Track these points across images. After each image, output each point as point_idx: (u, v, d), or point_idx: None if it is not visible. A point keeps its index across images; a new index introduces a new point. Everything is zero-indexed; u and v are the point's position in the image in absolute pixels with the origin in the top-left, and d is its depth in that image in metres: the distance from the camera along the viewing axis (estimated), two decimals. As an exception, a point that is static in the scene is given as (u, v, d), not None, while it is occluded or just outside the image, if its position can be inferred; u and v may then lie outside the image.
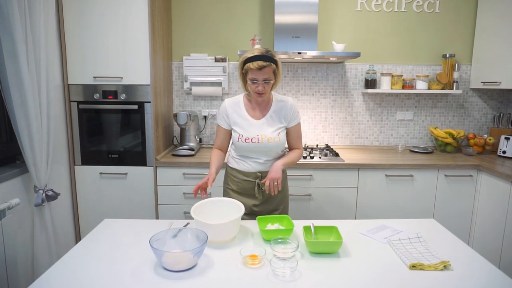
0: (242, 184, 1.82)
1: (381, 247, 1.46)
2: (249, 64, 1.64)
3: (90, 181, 2.60)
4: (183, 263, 1.26)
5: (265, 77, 1.65)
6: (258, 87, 1.66)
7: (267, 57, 1.64)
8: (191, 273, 1.25)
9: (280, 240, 1.43)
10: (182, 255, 1.26)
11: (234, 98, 1.82)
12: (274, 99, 1.80)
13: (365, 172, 2.57)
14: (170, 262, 1.25)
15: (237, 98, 1.82)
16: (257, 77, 1.64)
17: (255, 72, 1.64)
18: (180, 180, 2.59)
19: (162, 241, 1.35)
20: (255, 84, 1.67)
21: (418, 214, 2.62)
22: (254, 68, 1.63)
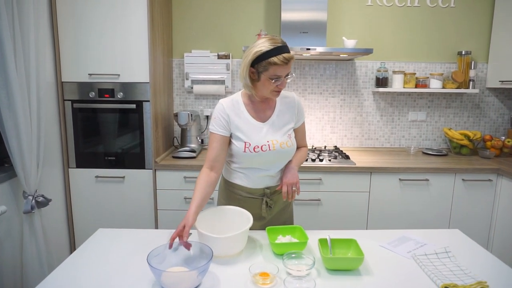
0: (245, 201, 1.55)
1: (406, 263, 1.30)
2: (273, 58, 1.34)
3: (85, 185, 2.45)
4: (185, 283, 1.10)
5: (289, 71, 1.39)
6: (281, 85, 1.40)
7: (288, 47, 1.38)
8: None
9: (294, 255, 1.28)
10: (184, 274, 1.10)
11: (230, 99, 1.51)
12: None
13: (378, 176, 2.42)
14: (170, 282, 1.10)
15: (234, 98, 1.52)
16: (282, 73, 1.37)
17: (281, 68, 1.35)
18: (181, 184, 2.44)
19: (162, 256, 1.20)
20: (277, 81, 1.38)
21: (433, 221, 2.47)
22: (280, 63, 1.34)
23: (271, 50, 1.34)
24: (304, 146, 1.68)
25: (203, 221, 1.38)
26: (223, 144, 1.48)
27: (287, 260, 1.25)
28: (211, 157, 1.47)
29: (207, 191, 1.41)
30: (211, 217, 1.44)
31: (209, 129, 1.51)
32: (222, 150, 1.48)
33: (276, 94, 1.45)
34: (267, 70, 1.37)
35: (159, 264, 1.17)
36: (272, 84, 1.40)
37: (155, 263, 1.14)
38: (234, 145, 1.48)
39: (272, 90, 1.42)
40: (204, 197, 1.39)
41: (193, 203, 1.34)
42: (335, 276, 1.21)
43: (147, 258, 1.12)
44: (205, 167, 1.47)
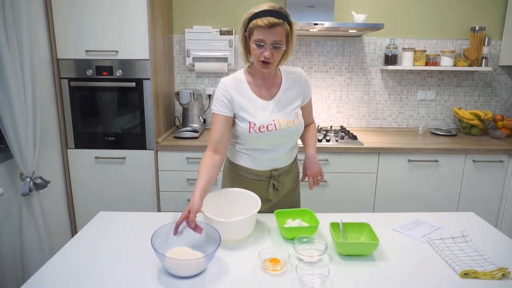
0: (251, 184, 1.48)
1: (421, 248, 1.25)
2: (256, 20, 1.26)
3: (84, 166, 2.38)
4: (190, 270, 1.05)
5: (276, 39, 1.27)
6: (265, 52, 1.28)
7: (280, 13, 1.28)
8: (201, 281, 1.04)
9: (305, 240, 1.22)
10: (190, 262, 1.04)
11: (233, 76, 1.42)
12: (283, 72, 1.45)
13: (386, 157, 2.35)
14: (174, 267, 1.04)
15: (237, 75, 1.42)
16: (264, 38, 1.26)
17: (263, 31, 1.26)
18: (183, 164, 2.37)
19: (165, 238, 1.14)
20: (261, 48, 1.28)
21: (442, 203, 2.41)
22: (262, 25, 1.25)
23: (259, 12, 1.28)
24: (311, 122, 1.61)
25: (208, 204, 1.32)
26: (226, 125, 1.39)
27: (297, 245, 1.20)
28: (214, 139, 1.38)
29: (212, 174, 1.33)
30: (216, 200, 1.38)
31: (212, 110, 1.43)
32: (225, 132, 1.39)
33: (262, 66, 1.33)
34: (252, 33, 1.30)
35: (163, 243, 1.12)
36: (257, 51, 1.30)
37: (159, 243, 1.08)
38: (238, 126, 1.40)
39: (258, 59, 1.31)
40: (209, 180, 1.30)
41: (198, 187, 1.25)
42: (348, 261, 1.16)
43: (151, 240, 1.06)
44: (209, 150, 1.39)
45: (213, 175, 1.33)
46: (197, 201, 1.21)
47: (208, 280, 1.05)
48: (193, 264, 1.04)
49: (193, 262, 1.04)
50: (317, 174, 1.50)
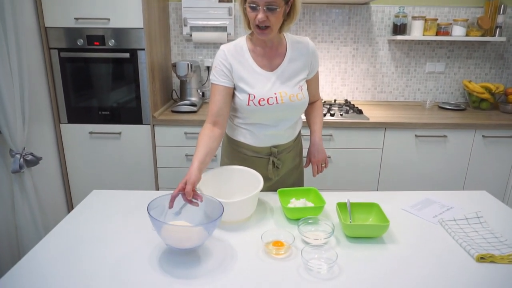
0: (250, 161, 1.40)
1: (433, 229, 1.18)
2: None
3: (78, 141, 2.29)
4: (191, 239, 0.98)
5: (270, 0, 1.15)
6: (258, 14, 1.16)
7: None
8: (199, 263, 0.97)
9: (311, 221, 1.15)
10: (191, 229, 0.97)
11: (233, 44, 1.31)
12: (288, 41, 1.33)
13: (392, 132, 2.26)
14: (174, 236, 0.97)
15: (238, 43, 1.31)
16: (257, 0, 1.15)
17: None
18: (182, 140, 2.28)
19: (160, 211, 1.06)
20: (254, 11, 1.17)
21: (449, 179, 2.35)
22: None
23: None
24: (317, 99, 1.50)
25: (206, 182, 1.24)
26: (226, 96, 1.29)
27: (302, 226, 1.13)
28: (213, 112, 1.28)
29: (211, 146, 1.23)
30: (215, 178, 1.30)
31: (210, 80, 1.32)
32: (225, 104, 1.29)
33: (259, 32, 1.21)
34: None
35: (158, 216, 1.04)
36: (251, 14, 1.19)
37: (154, 215, 1.01)
38: (237, 98, 1.30)
39: (252, 23, 1.21)
40: (208, 152, 1.21)
41: (196, 158, 1.16)
42: (356, 244, 1.09)
43: (147, 209, 0.98)
44: (208, 123, 1.29)
45: (212, 147, 1.24)
46: (195, 172, 1.11)
47: (208, 262, 0.99)
48: (195, 232, 0.96)
49: (194, 231, 0.96)
50: (322, 161, 1.45)
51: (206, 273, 0.95)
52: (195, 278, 0.93)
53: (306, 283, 0.92)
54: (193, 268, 0.97)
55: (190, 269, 0.97)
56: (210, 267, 0.98)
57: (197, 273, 0.95)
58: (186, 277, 0.93)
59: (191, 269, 0.97)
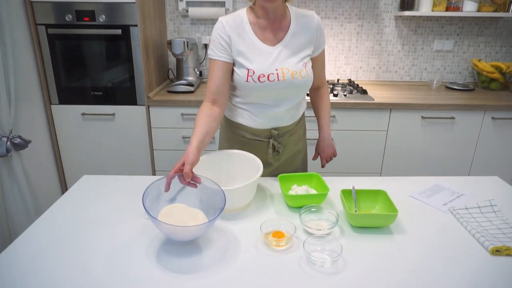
0: (249, 144, 1.31)
1: (443, 218, 1.11)
2: None
3: (71, 123, 2.20)
4: (188, 235, 0.92)
5: None
6: None
7: None
8: (194, 257, 0.91)
9: (313, 209, 1.07)
10: (190, 229, 0.91)
11: (232, 16, 1.21)
12: (292, 14, 1.23)
13: (398, 114, 2.16)
14: (172, 232, 0.91)
15: (238, 14, 1.21)
16: None
17: None
18: (178, 121, 2.19)
19: (156, 196, 0.99)
20: None
21: (456, 163, 2.27)
22: None
23: None
24: (323, 85, 1.41)
25: (202, 167, 1.16)
26: (225, 72, 1.19)
27: (304, 215, 1.06)
28: (212, 89, 1.19)
29: (210, 125, 1.13)
30: (212, 163, 1.22)
31: (208, 55, 1.22)
32: (224, 80, 1.19)
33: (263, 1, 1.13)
34: None
35: (154, 201, 0.97)
36: None
37: (150, 202, 0.94)
38: (236, 74, 1.20)
39: None
40: (207, 132, 1.11)
41: (194, 138, 1.07)
42: (362, 234, 1.02)
43: (142, 201, 0.90)
44: (206, 101, 1.19)
45: (212, 127, 1.14)
46: (193, 152, 1.02)
47: (203, 255, 0.92)
48: (196, 229, 0.90)
49: (195, 228, 0.90)
50: (331, 155, 1.44)
51: (200, 266, 0.89)
52: (187, 273, 0.87)
53: (308, 278, 0.85)
54: (187, 260, 0.90)
55: (180, 260, 0.90)
56: (204, 259, 0.91)
57: (191, 266, 0.89)
58: (178, 271, 0.87)
59: (181, 261, 0.90)
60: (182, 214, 0.99)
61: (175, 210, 1.00)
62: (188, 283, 0.83)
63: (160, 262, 0.90)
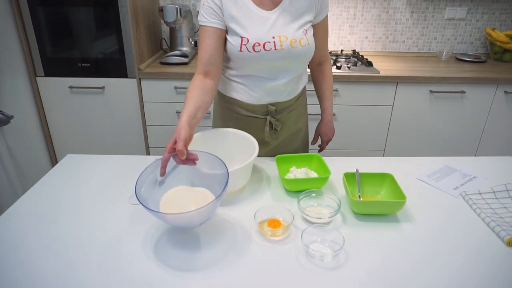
0: (244, 122, 1.21)
1: (454, 204, 1.02)
2: None
3: (58, 97, 2.08)
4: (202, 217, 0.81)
5: None
6: None
7: None
8: (182, 248, 0.83)
9: (314, 195, 0.98)
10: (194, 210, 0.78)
11: None
12: None
13: (405, 87, 2.04)
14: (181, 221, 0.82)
15: None
16: None
17: None
18: (172, 95, 2.07)
19: (152, 183, 0.89)
20: None
21: (463, 139, 2.17)
22: None
23: None
24: (325, 59, 1.29)
25: (193, 147, 1.06)
26: (218, 40, 1.06)
27: (303, 201, 0.97)
28: (203, 60, 1.06)
29: (203, 99, 1.01)
30: (205, 143, 1.12)
31: (198, 21, 1.09)
32: (217, 49, 1.06)
33: None
34: None
35: (150, 190, 0.87)
36: None
37: (146, 193, 0.84)
38: (229, 42, 1.07)
39: None
40: (199, 106, 0.99)
41: (184, 112, 0.95)
42: (366, 223, 0.93)
43: (135, 192, 0.79)
44: (198, 73, 1.07)
45: (205, 101, 1.02)
46: (184, 127, 0.90)
47: (190, 246, 0.84)
48: (204, 211, 0.78)
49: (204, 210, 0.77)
50: (331, 139, 1.40)
51: (187, 260, 0.80)
52: (175, 268, 0.79)
53: (306, 273, 0.77)
54: (170, 252, 0.82)
55: (166, 251, 0.82)
56: (192, 250, 0.83)
57: (177, 260, 0.81)
58: (161, 265, 0.79)
59: (168, 253, 0.82)
60: (186, 197, 0.89)
61: (177, 194, 0.90)
62: (178, 280, 0.75)
63: (145, 251, 0.82)
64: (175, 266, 0.79)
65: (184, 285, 0.74)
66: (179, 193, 0.90)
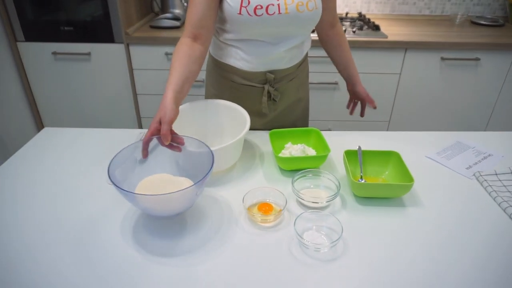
0: (241, 91, 1.10)
1: (467, 187, 0.92)
2: None
3: (41, 63, 1.95)
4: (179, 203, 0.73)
5: None
6: None
7: None
8: (162, 235, 0.74)
9: (310, 175, 0.88)
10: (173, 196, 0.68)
11: None
12: None
13: (414, 54, 1.88)
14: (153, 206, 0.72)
15: None
16: None
17: None
18: (163, 62, 1.94)
19: (130, 166, 0.80)
20: None
21: (476, 112, 2.03)
22: None
23: None
24: (336, 21, 1.14)
25: (180, 120, 0.96)
26: (209, 2, 0.91)
27: (299, 182, 0.87)
28: (193, 21, 0.92)
29: (190, 69, 0.89)
30: (192, 116, 1.01)
31: None
32: (209, 10, 0.92)
33: None
34: None
35: (128, 172, 0.78)
36: None
37: (121, 174, 0.75)
38: (226, 3, 0.93)
39: None
40: (186, 77, 0.87)
41: (170, 86, 0.83)
42: (367, 207, 0.84)
43: (108, 172, 0.70)
44: (185, 36, 0.93)
45: (192, 71, 0.89)
46: (170, 106, 0.79)
47: (172, 231, 0.75)
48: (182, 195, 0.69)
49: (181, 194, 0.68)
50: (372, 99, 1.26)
51: (167, 249, 0.72)
52: (153, 253, 0.70)
53: (298, 267, 0.69)
54: (149, 239, 0.73)
55: (142, 240, 0.73)
56: (172, 237, 0.74)
57: (156, 247, 0.72)
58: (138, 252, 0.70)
59: (147, 240, 0.73)
60: (164, 186, 0.80)
61: (155, 182, 0.81)
62: (154, 268, 0.67)
63: (124, 235, 0.73)
64: (155, 252, 0.71)
65: (163, 273, 0.66)
66: (159, 180, 0.81)
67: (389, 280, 0.66)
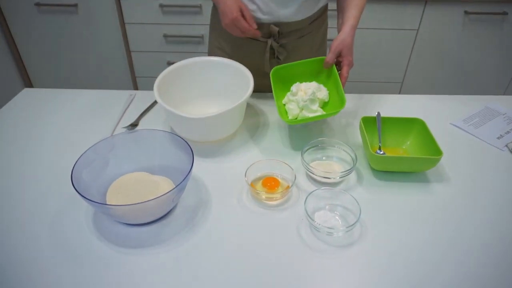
0: (242, 46, 0.97)
1: (498, 158, 0.81)
2: None
3: (25, 17, 1.77)
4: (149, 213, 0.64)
5: None
6: None
7: None
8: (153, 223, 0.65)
9: (322, 145, 0.77)
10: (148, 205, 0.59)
11: None
12: None
13: (434, 8, 1.70)
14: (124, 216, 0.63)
15: None
16: None
17: None
18: (157, 16, 1.76)
19: (102, 163, 0.69)
20: None
21: (501, 72, 1.88)
22: None
23: None
24: None
25: (173, 81, 0.85)
26: None
27: (309, 153, 0.77)
28: None
29: None
30: (197, 73, 0.91)
31: None
32: None
33: None
34: None
35: (100, 171, 0.68)
36: None
37: (91, 174, 0.65)
38: None
39: None
40: None
41: None
42: (386, 182, 0.74)
43: (72, 176, 0.60)
44: None
45: None
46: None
47: (165, 215, 0.66)
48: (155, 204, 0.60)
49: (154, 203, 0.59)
50: (350, 64, 0.85)
51: (157, 233, 0.63)
52: (134, 246, 0.61)
53: (308, 253, 0.60)
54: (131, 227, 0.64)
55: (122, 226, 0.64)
56: (167, 219, 0.65)
57: (148, 231, 0.63)
58: (123, 242, 0.61)
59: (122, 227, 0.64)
60: (139, 189, 0.69)
61: (129, 183, 0.70)
62: (134, 258, 0.58)
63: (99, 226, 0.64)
64: (140, 238, 0.62)
65: (152, 260, 0.57)
66: (134, 180, 0.70)
67: (413, 267, 0.57)
